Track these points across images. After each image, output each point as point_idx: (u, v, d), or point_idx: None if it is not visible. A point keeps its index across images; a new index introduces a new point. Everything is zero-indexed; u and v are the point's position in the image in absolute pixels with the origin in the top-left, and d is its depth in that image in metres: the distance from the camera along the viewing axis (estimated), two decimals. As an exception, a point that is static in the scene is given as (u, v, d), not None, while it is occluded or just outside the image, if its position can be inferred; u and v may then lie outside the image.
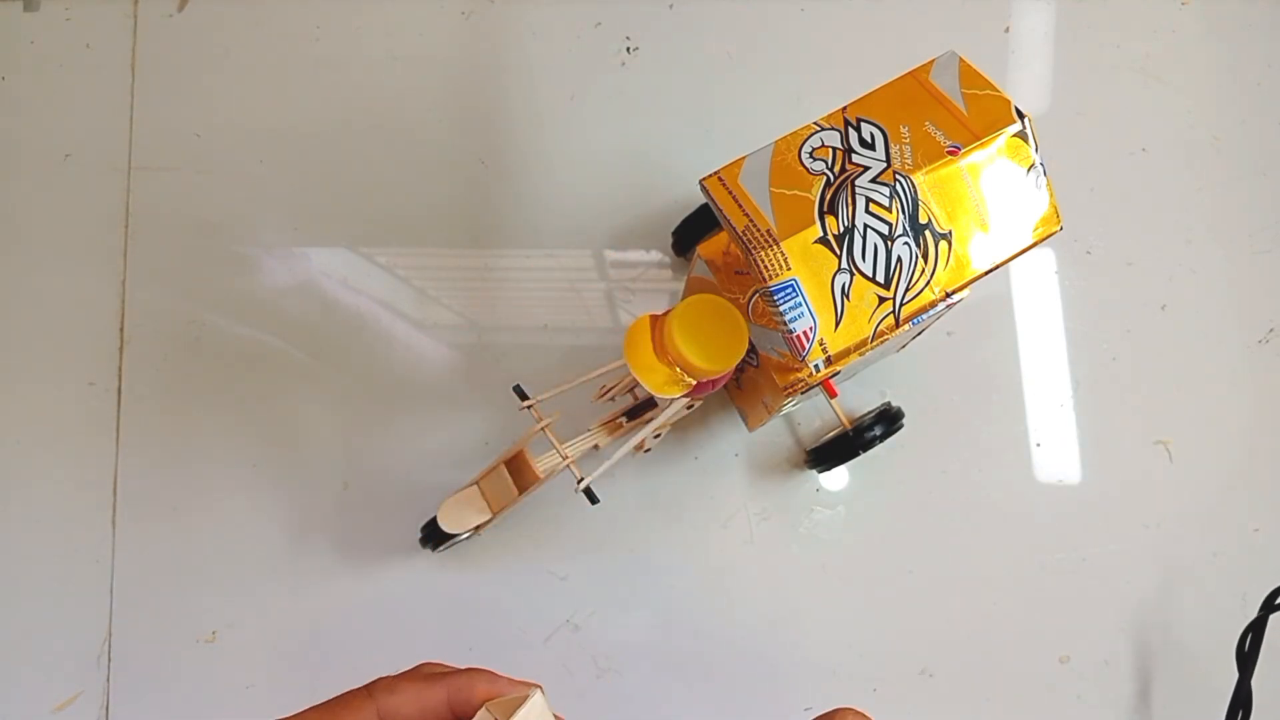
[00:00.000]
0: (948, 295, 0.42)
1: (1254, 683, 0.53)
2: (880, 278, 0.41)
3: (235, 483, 0.60)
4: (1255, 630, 0.54)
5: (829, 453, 0.57)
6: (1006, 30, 0.68)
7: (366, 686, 0.32)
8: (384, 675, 0.34)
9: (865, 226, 0.40)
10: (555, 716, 0.31)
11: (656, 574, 0.59)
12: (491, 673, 0.32)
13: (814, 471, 0.60)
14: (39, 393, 0.61)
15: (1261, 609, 0.54)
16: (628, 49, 0.66)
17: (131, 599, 0.59)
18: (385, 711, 0.31)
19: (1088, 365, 0.63)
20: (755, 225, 0.40)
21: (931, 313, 0.43)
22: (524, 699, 0.30)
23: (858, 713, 0.27)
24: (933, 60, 0.43)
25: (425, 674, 0.33)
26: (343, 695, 0.32)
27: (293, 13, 0.66)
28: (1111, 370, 0.63)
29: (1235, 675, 0.54)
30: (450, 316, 0.62)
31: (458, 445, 0.60)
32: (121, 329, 0.62)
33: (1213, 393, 0.63)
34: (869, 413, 0.58)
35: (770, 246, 0.39)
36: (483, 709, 0.31)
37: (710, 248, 0.50)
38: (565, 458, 0.50)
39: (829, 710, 0.28)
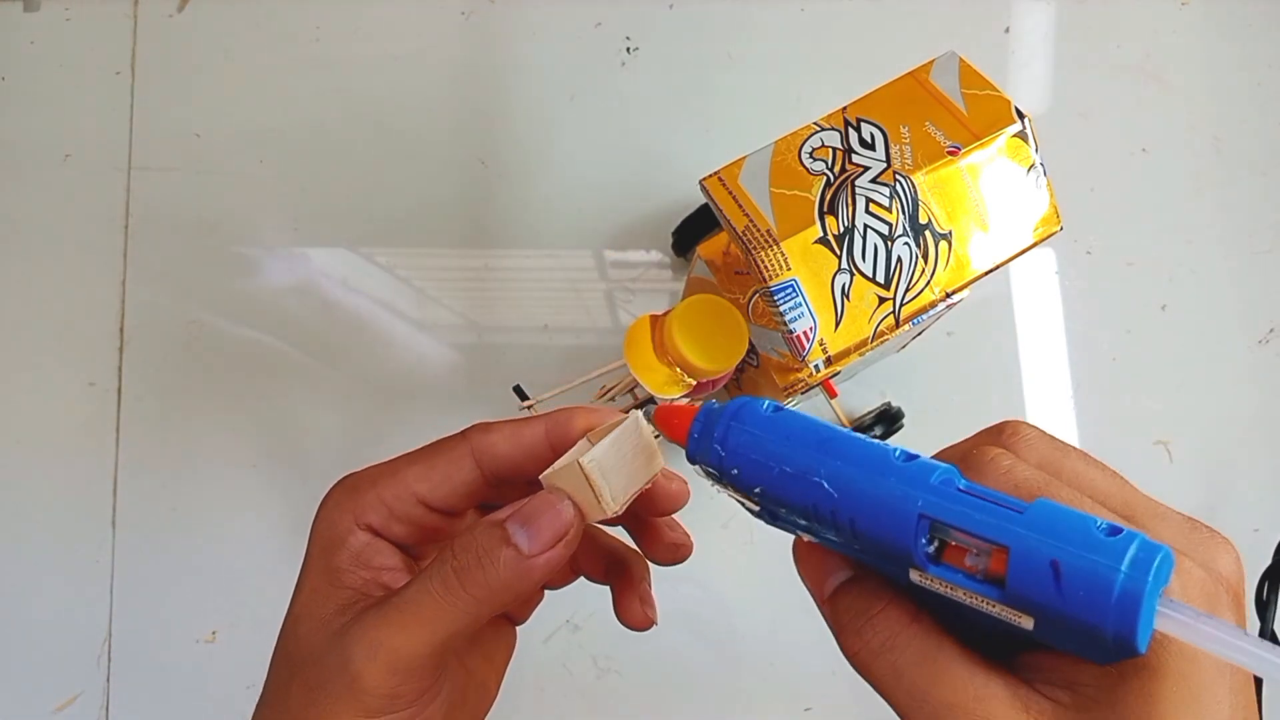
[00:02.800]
0: (948, 295, 0.42)
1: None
2: (880, 278, 0.41)
3: (235, 483, 0.60)
4: (1271, 578, 0.54)
5: (829, 453, 0.57)
6: (1006, 30, 0.68)
7: (462, 431, 0.31)
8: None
9: (865, 227, 0.40)
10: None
11: (656, 574, 0.59)
12: (591, 407, 0.31)
13: (814, 471, 0.60)
14: (39, 393, 0.61)
15: (1276, 555, 0.55)
16: (628, 49, 0.66)
17: (131, 599, 0.58)
18: (480, 449, 0.30)
19: (1088, 365, 0.63)
20: (755, 225, 0.40)
21: (931, 313, 0.43)
22: (621, 422, 0.29)
23: (1030, 425, 0.25)
24: (933, 60, 0.43)
25: (522, 417, 0.32)
26: (438, 440, 0.31)
27: (293, 13, 0.66)
28: (1111, 370, 0.63)
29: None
30: (450, 316, 0.62)
31: (458, 445, 0.60)
32: (121, 329, 0.62)
33: (1213, 393, 0.63)
34: (869, 413, 0.58)
35: (770, 246, 0.39)
36: (582, 440, 0.30)
37: (710, 248, 0.50)
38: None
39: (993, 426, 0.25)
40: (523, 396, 0.50)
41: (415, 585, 0.27)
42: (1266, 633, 0.54)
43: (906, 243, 0.41)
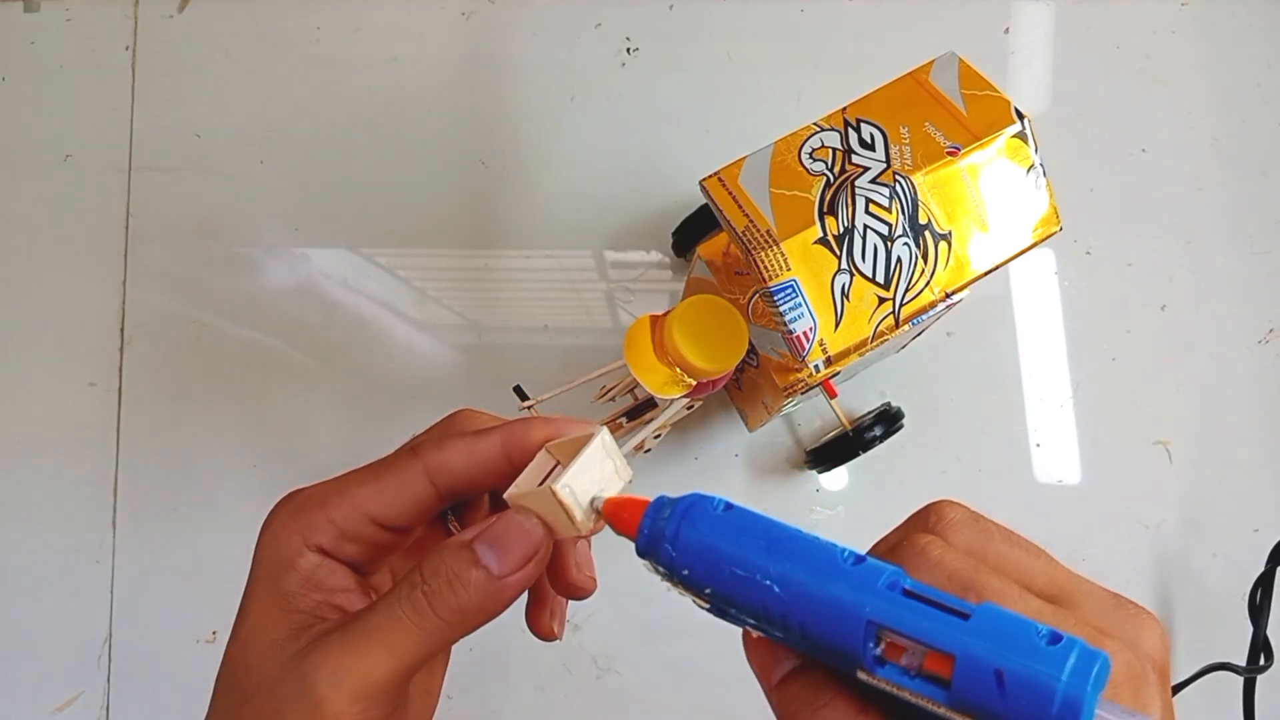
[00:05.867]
0: (948, 296, 0.42)
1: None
2: (880, 278, 0.41)
3: (235, 483, 0.60)
4: (1264, 584, 0.55)
5: (829, 453, 0.57)
6: (1006, 31, 0.68)
7: (410, 446, 0.30)
8: (421, 432, 0.32)
9: (865, 227, 0.40)
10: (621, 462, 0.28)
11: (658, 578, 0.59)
12: (548, 417, 0.30)
13: (814, 472, 0.60)
14: (39, 393, 0.61)
15: (1269, 562, 0.55)
16: (628, 49, 0.66)
17: (131, 599, 0.59)
18: (434, 467, 0.29)
19: (1088, 365, 0.63)
20: (755, 226, 0.40)
21: (931, 313, 0.43)
22: (587, 439, 0.28)
23: (954, 505, 0.25)
24: (932, 61, 0.43)
25: (472, 429, 0.30)
26: (387, 456, 0.30)
27: (293, 13, 0.66)
28: (1111, 370, 0.63)
29: (1239, 677, 0.54)
30: (450, 317, 0.62)
31: (458, 445, 0.60)
32: (121, 329, 0.62)
33: (1213, 393, 0.63)
34: (869, 413, 0.58)
35: (770, 247, 0.39)
36: (542, 451, 0.29)
37: (710, 248, 0.50)
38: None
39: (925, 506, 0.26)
40: (523, 396, 0.50)
41: (382, 610, 0.27)
42: (1260, 639, 0.54)
43: (906, 243, 0.41)
